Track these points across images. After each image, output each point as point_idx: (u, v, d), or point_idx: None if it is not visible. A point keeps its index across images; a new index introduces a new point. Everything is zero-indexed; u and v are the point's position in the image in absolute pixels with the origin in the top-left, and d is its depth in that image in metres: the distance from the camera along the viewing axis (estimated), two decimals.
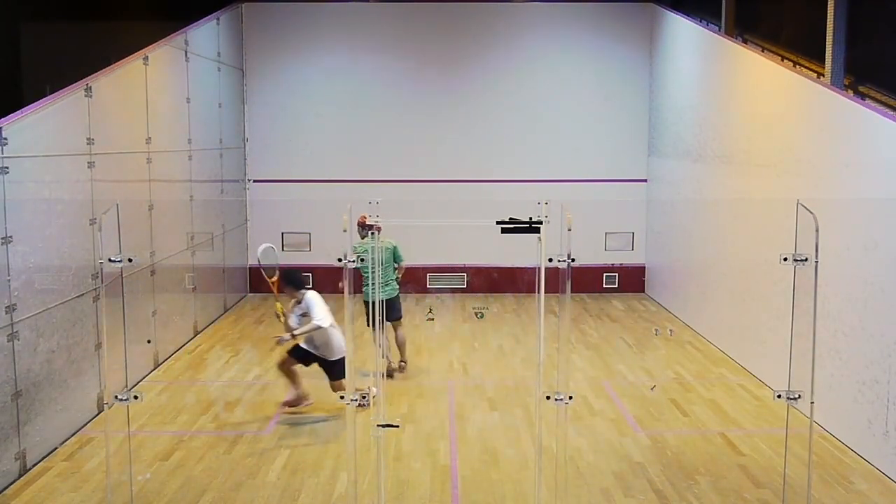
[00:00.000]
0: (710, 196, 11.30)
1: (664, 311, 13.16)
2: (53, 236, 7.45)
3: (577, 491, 6.54)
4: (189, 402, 8.75)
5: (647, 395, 8.97)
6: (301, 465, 7.11)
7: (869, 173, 7.30)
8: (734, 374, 9.69)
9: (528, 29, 14.22)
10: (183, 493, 6.56)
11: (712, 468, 7.03)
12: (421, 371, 9.89)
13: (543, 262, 5.22)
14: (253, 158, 14.28)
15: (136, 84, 9.64)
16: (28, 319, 6.94)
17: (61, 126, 7.80)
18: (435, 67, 14.28)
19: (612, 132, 14.37)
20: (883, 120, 7.13)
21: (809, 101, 8.54)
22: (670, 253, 13.15)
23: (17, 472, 6.77)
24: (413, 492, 6.59)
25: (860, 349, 7.24)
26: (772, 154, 9.24)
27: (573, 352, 10.55)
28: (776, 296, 8.72)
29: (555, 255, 5.15)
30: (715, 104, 11.21)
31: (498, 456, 7.30)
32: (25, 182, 7.03)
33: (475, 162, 14.32)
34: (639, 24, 14.17)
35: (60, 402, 7.49)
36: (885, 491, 6.60)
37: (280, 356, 8.57)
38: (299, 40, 14.18)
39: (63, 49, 10.94)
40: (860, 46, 8.78)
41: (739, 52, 10.51)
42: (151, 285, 9.84)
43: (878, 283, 7.00)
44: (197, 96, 11.62)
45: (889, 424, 6.80)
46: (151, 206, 9.84)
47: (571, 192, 13.87)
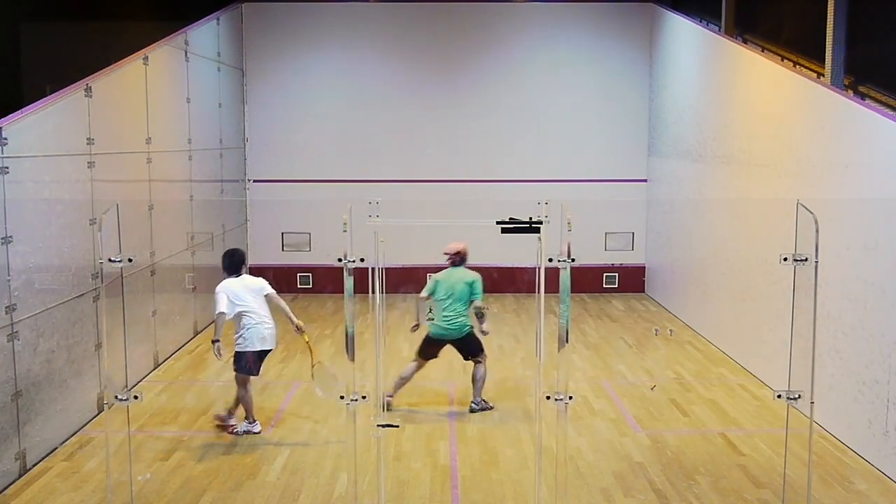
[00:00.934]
0: (710, 196, 11.30)
1: (664, 311, 13.16)
2: (53, 236, 7.45)
3: (577, 491, 6.54)
4: (189, 402, 8.75)
5: (647, 395, 8.97)
6: (301, 465, 7.11)
7: (869, 173, 7.30)
8: (734, 374, 9.69)
9: (527, 29, 14.22)
10: (183, 493, 6.55)
11: (712, 468, 7.03)
12: (421, 371, 9.87)
13: (543, 262, 5.22)
14: (253, 158, 14.28)
15: (136, 84, 9.64)
16: (28, 319, 6.94)
17: (61, 126, 7.80)
18: (434, 67, 14.28)
19: (612, 132, 14.37)
20: (883, 120, 7.13)
21: (809, 101, 8.54)
22: (670, 253, 13.15)
23: (17, 472, 6.77)
24: (413, 492, 6.59)
25: (860, 349, 7.24)
26: (772, 154, 9.24)
27: (573, 352, 10.55)
28: (776, 296, 8.72)
29: (555, 255, 5.15)
30: (715, 104, 11.21)
31: (498, 456, 7.30)
32: (25, 182, 7.03)
33: (475, 162, 14.31)
34: (639, 24, 14.17)
35: (60, 402, 7.49)
36: (885, 491, 6.60)
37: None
38: (299, 40, 14.18)
39: (63, 49, 10.94)
40: (860, 46, 8.78)
41: (739, 52, 10.51)
42: (151, 285, 9.84)
43: (878, 283, 7.00)
44: (197, 96, 11.61)
45: (889, 424, 6.80)
46: (151, 206, 9.84)
47: (571, 192, 13.86)
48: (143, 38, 10.29)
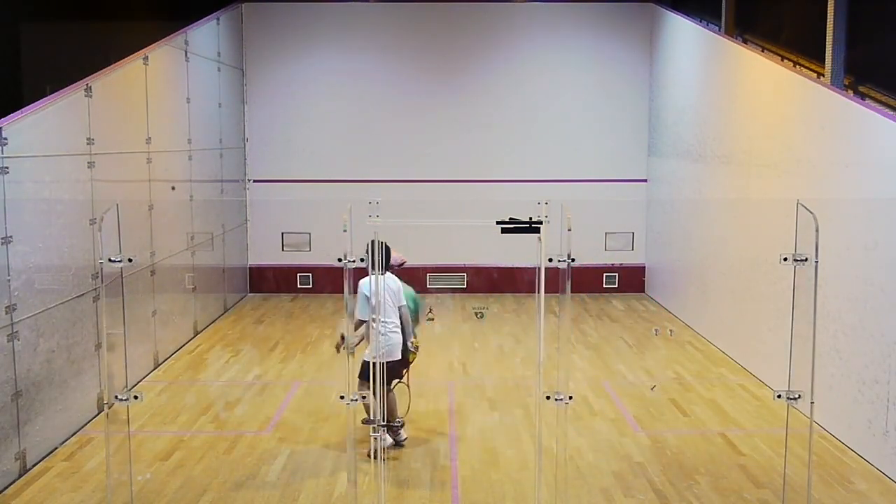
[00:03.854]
0: (710, 196, 11.30)
1: (664, 311, 13.16)
2: (53, 236, 7.45)
3: (577, 491, 6.54)
4: (189, 402, 8.75)
5: (647, 395, 8.97)
6: (301, 465, 7.11)
7: (869, 173, 7.30)
8: (734, 374, 9.69)
9: (527, 29, 14.22)
10: (183, 493, 6.55)
11: (712, 468, 7.03)
12: (421, 371, 9.88)
13: (543, 262, 5.22)
14: (253, 158, 14.28)
15: (136, 84, 9.64)
16: (28, 319, 6.94)
17: (61, 126, 7.80)
18: (435, 67, 14.28)
19: (612, 132, 14.37)
20: (883, 120, 7.13)
21: (809, 101, 8.54)
22: (670, 253, 13.15)
23: (17, 472, 6.77)
24: (413, 492, 6.59)
25: (860, 349, 7.24)
26: (772, 154, 9.24)
27: (573, 352, 10.55)
28: (776, 296, 8.72)
29: (555, 255, 5.15)
30: (715, 104, 11.21)
31: (498, 456, 7.30)
32: (25, 182, 7.03)
33: (475, 162, 14.31)
34: (639, 24, 14.17)
35: (60, 402, 7.49)
36: (885, 491, 6.60)
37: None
38: (299, 40, 14.18)
39: (63, 49, 10.93)
40: (860, 46, 8.78)
41: (739, 52, 10.51)
42: (151, 285, 9.84)
43: (878, 283, 7.00)
44: (197, 96, 11.61)
45: (889, 424, 6.80)
46: (151, 206, 9.84)
47: (571, 192, 13.86)
48: (143, 38, 10.29)
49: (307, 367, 9.98)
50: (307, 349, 10.45)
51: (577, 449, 7.37)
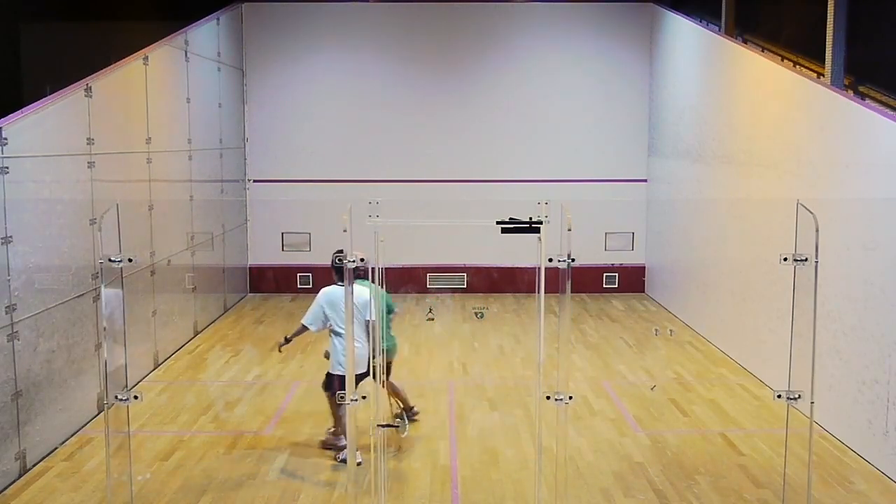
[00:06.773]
0: (710, 196, 11.30)
1: (664, 311, 13.16)
2: (53, 236, 7.45)
3: (577, 491, 6.54)
4: (189, 402, 8.75)
5: (647, 395, 8.97)
6: (301, 465, 7.11)
7: (869, 173, 7.30)
8: (734, 374, 9.69)
9: (527, 29, 14.22)
10: (183, 493, 6.56)
11: (712, 468, 7.03)
12: (421, 371, 9.89)
13: (543, 262, 5.22)
14: (253, 158, 14.28)
15: (136, 84, 9.64)
16: (28, 319, 6.94)
17: (61, 126, 7.80)
18: (434, 67, 14.28)
19: (612, 132, 14.37)
20: (883, 120, 7.13)
21: (809, 101, 8.54)
22: (670, 253, 13.15)
23: (17, 472, 6.77)
24: (413, 492, 6.59)
25: (860, 349, 7.24)
26: (772, 154, 9.24)
27: (573, 352, 10.55)
28: (776, 296, 8.72)
29: (555, 255, 5.15)
30: (715, 104, 11.21)
31: (498, 456, 7.30)
32: (25, 182, 7.03)
33: (475, 162, 14.31)
34: (639, 24, 14.17)
35: (60, 402, 7.49)
36: (885, 491, 6.60)
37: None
38: (299, 40, 14.18)
39: (63, 49, 10.94)
40: (860, 46, 8.78)
41: (739, 52, 10.51)
42: (151, 285, 9.84)
43: (878, 283, 7.00)
44: (197, 96, 11.61)
45: (889, 424, 6.80)
46: (151, 206, 9.84)
47: (571, 192, 13.86)
48: (143, 38, 10.29)
49: (307, 367, 9.97)
50: (307, 349, 10.44)
51: (577, 449, 7.37)
